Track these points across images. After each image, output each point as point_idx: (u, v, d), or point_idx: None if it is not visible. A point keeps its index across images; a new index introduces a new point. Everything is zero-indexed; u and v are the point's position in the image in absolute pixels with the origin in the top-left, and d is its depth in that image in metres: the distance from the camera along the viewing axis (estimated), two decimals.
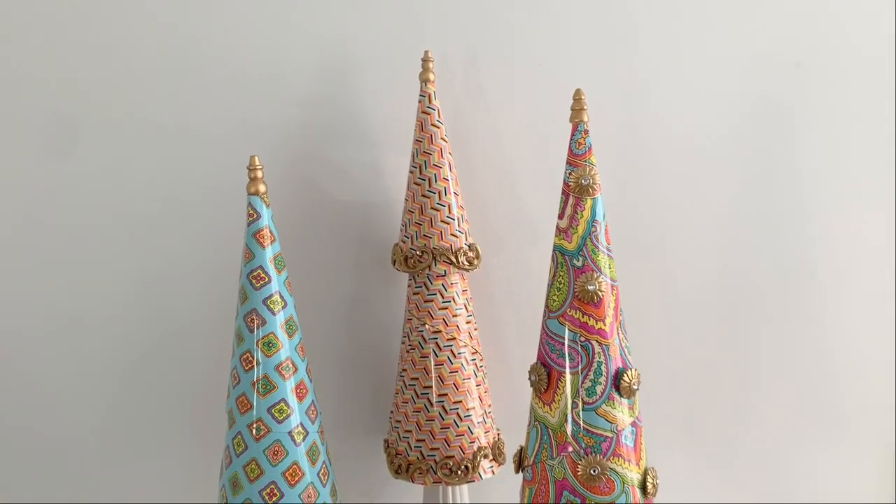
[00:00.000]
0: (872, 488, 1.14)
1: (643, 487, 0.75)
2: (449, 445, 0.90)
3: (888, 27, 1.03)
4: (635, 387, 0.75)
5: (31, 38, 0.92)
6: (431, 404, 0.90)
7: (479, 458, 0.91)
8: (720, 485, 1.11)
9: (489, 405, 0.94)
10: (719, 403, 1.10)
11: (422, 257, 0.90)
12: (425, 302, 0.91)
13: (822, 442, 1.12)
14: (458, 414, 0.90)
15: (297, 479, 0.73)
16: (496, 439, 0.95)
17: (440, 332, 0.90)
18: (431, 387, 0.90)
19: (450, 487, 0.95)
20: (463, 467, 0.90)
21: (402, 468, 0.92)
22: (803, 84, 1.03)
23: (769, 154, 1.05)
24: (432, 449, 0.90)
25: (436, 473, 0.90)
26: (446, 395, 0.90)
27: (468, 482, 0.91)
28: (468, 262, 0.91)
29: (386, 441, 0.96)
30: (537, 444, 0.77)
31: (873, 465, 1.14)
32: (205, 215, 0.98)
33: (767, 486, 1.13)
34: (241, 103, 0.96)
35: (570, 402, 0.75)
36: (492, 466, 0.93)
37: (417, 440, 0.91)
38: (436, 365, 0.91)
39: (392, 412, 0.95)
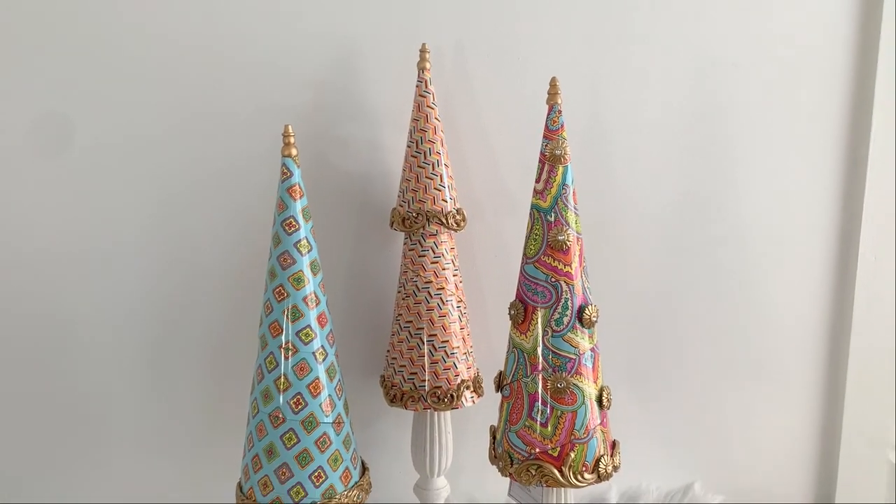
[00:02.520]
0: (790, 422, 1.32)
1: (599, 401, 0.89)
2: (437, 378, 1.04)
3: (814, 32, 1.18)
4: (594, 319, 0.88)
5: (83, 24, 1.02)
6: (423, 343, 1.04)
7: (462, 388, 1.05)
8: (650, 406, 1.28)
9: (470, 346, 1.09)
10: (661, 337, 1.25)
11: (417, 219, 1.03)
12: (419, 257, 1.04)
13: (748, 381, 1.29)
14: (445, 352, 1.04)
15: (318, 391, 0.87)
16: (476, 374, 1.10)
17: (431, 282, 1.04)
18: (423, 329, 1.04)
19: (436, 413, 1.09)
20: (448, 396, 1.04)
21: (397, 397, 1.06)
22: (739, 80, 1.18)
23: (709, 138, 1.18)
24: (423, 381, 1.04)
25: (426, 401, 1.04)
26: (435, 335, 1.04)
27: (452, 409, 1.05)
28: (456, 223, 1.04)
29: (382, 376, 1.10)
30: (514, 366, 0.90)
31: (792, 405, 1.31)
32: (233, 179, 1.09)
33: (694, 413, 1.29)
34: (261, 87, 1.07)
35: (541, 331, 0.87)
36: (472, 396, 1.07)
37: (410, 373, 1.05)
38: (427, 310, 1.04)
39: (388, 351, 1.09)
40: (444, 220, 1.04)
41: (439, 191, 1.04)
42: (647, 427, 1.28)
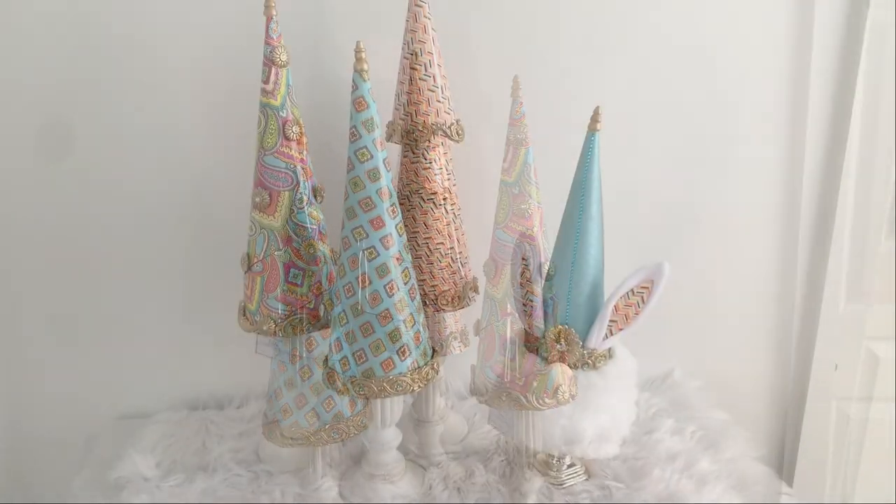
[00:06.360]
0: (762, 359, 1.46)
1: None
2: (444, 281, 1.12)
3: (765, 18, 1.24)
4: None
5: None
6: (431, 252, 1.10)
7: (467, 290, 1.13)
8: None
9: (466, 255, 1.14)
10: None
11: (422, 132, 1.05)
12: (423, 170, 1.08)
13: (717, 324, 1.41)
14: (450, 258, 1.11)
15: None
16: (473, 279, 1.16)
17: (436, 193, 1.08)
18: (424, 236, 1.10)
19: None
20: (457, 297, 1.12)
21: None
22: (697, 62, 1.24)
23: (675, 121, 1.27)
24: (432, 286, 1.11)
25: (436, 304, 1.12)
26: (443, 243, 1.10)
27: (461, 307, 1.13)
28: (457, 134, 1.07)
29: None
30: (489, 314, 1.04)
31: (760, 343, 1.45)
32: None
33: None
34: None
35: (509, 283, 1.00)
36: (460, 346, 1.16)
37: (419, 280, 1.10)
38: (421, 214, 1.09)
39: None
40: (448, 132, 1.07)
41: (441, 103, 1.06)
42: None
